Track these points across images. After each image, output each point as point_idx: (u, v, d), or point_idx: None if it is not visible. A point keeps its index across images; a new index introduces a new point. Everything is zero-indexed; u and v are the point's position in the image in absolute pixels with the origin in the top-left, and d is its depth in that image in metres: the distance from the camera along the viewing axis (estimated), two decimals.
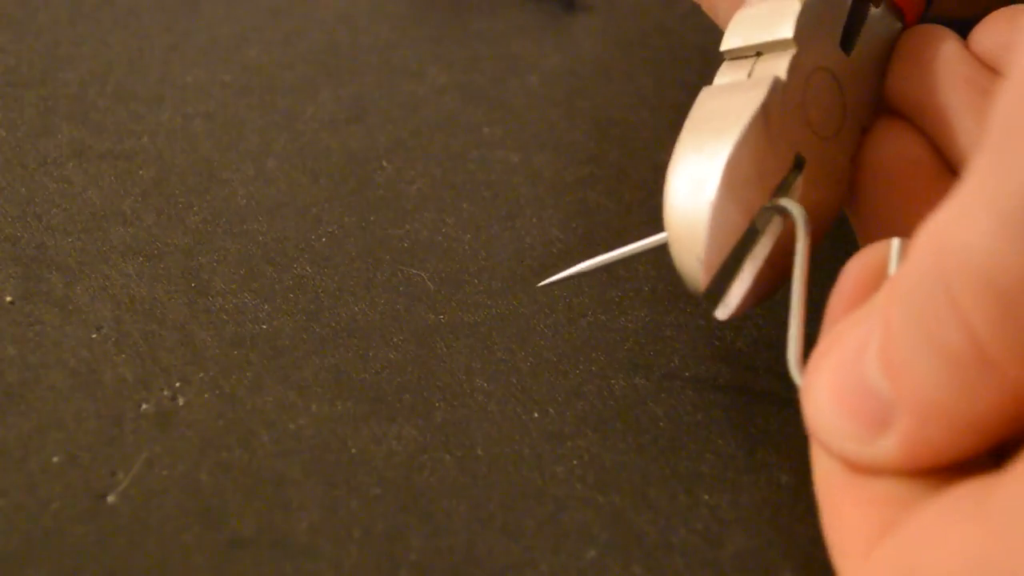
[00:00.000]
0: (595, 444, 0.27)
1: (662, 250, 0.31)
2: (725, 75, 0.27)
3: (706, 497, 0.26)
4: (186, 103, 0.36)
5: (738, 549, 0.25)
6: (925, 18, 0.30)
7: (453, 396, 0.28)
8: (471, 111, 0.36)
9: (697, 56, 0.39)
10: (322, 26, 0.39)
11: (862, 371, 0.20)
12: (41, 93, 0.36)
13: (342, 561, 0.24)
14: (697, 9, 0.40)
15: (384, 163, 0.34)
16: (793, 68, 0.26)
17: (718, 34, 0.39)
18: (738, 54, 0.27)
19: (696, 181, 0.24)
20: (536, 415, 0.27)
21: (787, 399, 0.28)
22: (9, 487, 0.25)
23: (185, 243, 0.31)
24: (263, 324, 0.29)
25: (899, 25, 0.30)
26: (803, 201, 0.27)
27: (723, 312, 0.26)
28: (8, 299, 0.30)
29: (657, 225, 0.32)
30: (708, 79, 0.38)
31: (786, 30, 0.27)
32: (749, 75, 0.27)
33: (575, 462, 0.26)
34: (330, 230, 0.32)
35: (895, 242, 0.23)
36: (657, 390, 0.28)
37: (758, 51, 0.27)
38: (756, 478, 0.26)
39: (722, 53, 0.28)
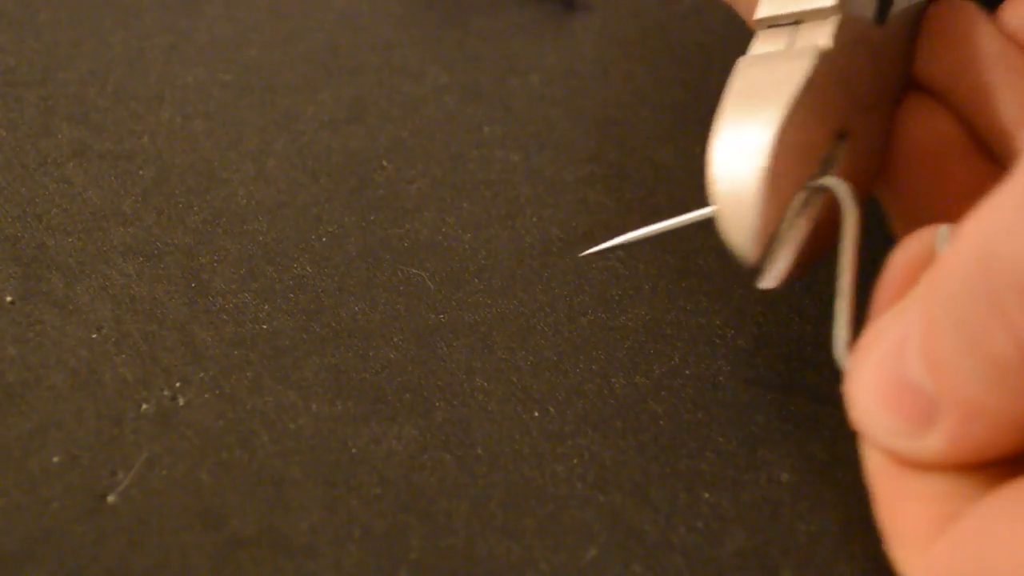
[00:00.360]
0: (595, 443, 0.27)
1: (661, 248, 0.31)
2: (762, 44, 0.26)
3: (706, 495, 0.26)
4: (186, 103, 0.36)
5: (738, 547, 0.25)
6: None
7: (453, 395, 0.28)
8: (471, 111, 0.36)
9: (697, 55, 0.39)
10: (322, 26, 0.39)
11: (905, 367, 0.20)
12: (41, 93, 0.36)
13: (342, 561, 0.24)
14: (697, 8, 0.40)
15: (384, 163, 0.34)
16: (836, 37, 0.25)
17: (718, 33, 0.39)
18: (774, 22, 0.26)
19: (745, 152, 0.24)
20: (536, 414, 0.27)
21: (787, 397, 0.28)
22: (9, 487, 0.25)
23: (185, 243, 0.31)
24: (263, 324, 0.29)
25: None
26: (846, 173, 0.26)
27: (769, 282, 0.26)
28: (8, 299, 0.30)
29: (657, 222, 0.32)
30: (708, 78, 0.38)
31: None
32: (789, 44, 0.26)
33: (575, 461, 0.26)
34: (330, 230, 0.32)
35: (942, 229, 0.22)
36: (657, 388, 0.28)
37: (797, 19, 0.26)
38: (756, 476, 0.26)
39: (756, 22, 0.27)
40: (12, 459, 0.26)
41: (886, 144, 0.28)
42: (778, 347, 0.29)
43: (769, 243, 0.25)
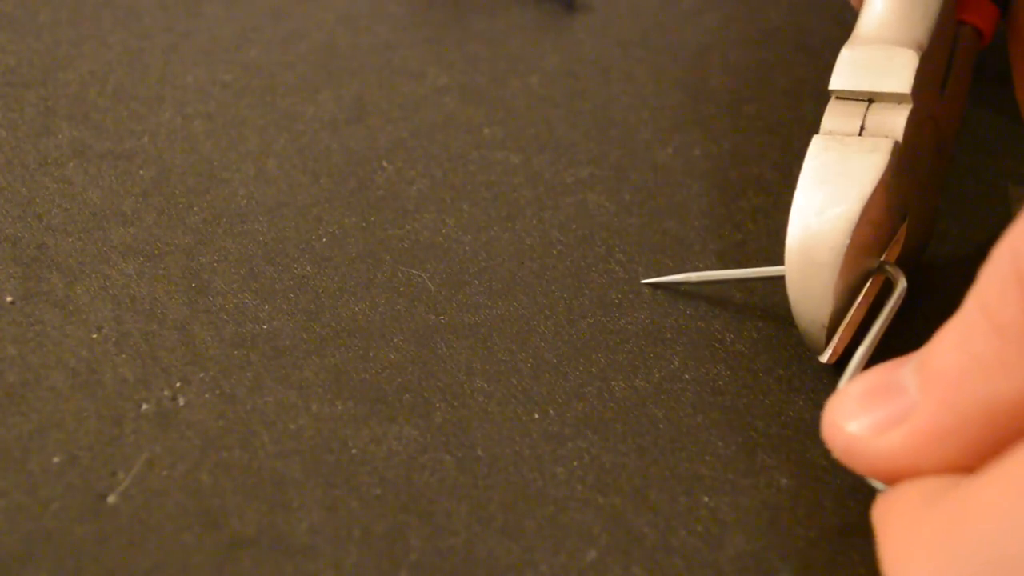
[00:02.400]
0: (595, 445, 0.27)
1: (660, 252, 0.31)
2: (834, 119, 0.27)
3: (706, 499, 0.26)
4: (186, 103, 0.36)
5: (738, 551, 0.25)
6: (999, 31, 0.31)
7: (453, 397, 0.28)
8: (471, 111, 0.36)
9: (697, 56, 0.39)
10: (322, 26, 0.39)
11: (898, 371, 0.22)
12: (41, 93, 0.36)
13: (342, 561, 0.24)
14: (697, 8, 0.41)
15: (384, 163, 0.34)
16: (908, 126, 0.26)
17: (718, 33, 0.39)
18: (848, 95, 0.27)
19: (818, 260, 0.25)
20: (536, 416, 0.27)
21: (787, 402, 0.28)
22: (9, 487, 0.25)
23: (185, 243, 0.31)
24: (263, 324, 0.29)
25: (978, 42, 0.30)
26: (902, 249, 0.28)
27: (828, 358, 0.27)
28: (8, 299, 0.30)
29: (656, 226, 0.32)
30: (708, 79, 0.38)
31: (903, 84, 0.26)
32: (861, 127, 0.27)
33: (575, 463, 0.26)
34: (330, 230, 0.32)
35: None
36: (657, 392, 0.28)
37: (870, 98, 0.27)
38: (756, 481, 0.26)
39: (830, 91, 0.27)
40: (12, 459, 0.26)
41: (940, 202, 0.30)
42: (777, 352, 0.29)
43: (833, 328, 0.26)
